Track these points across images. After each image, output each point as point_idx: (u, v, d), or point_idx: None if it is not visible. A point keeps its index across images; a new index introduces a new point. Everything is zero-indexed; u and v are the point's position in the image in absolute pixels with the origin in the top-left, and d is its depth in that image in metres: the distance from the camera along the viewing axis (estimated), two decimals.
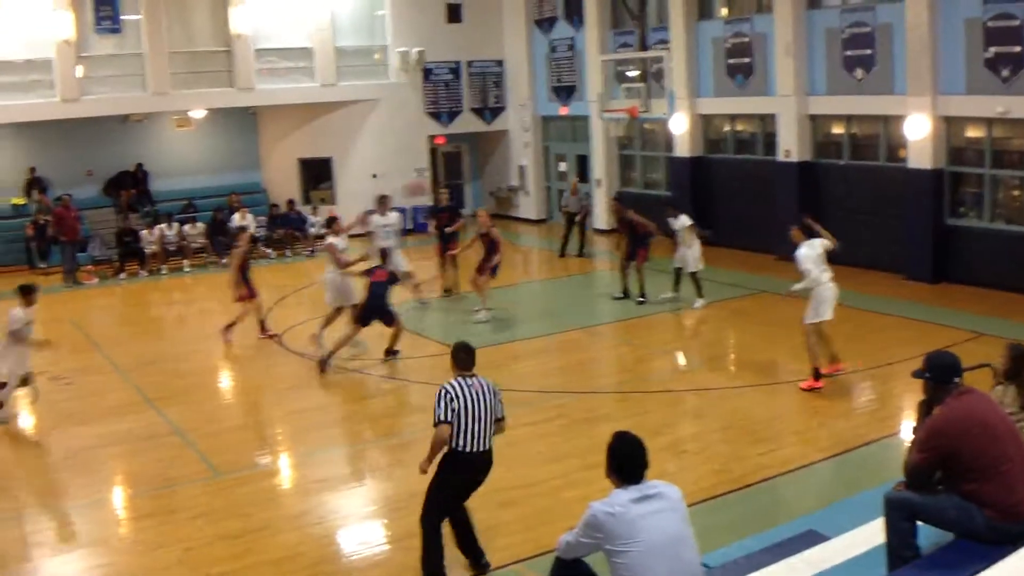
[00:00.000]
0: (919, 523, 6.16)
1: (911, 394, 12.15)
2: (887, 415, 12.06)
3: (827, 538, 7.54)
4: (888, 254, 19.67)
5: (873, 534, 6.74)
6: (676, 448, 11.15)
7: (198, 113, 27.68)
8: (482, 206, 26.99)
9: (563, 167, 29.46)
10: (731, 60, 23.07)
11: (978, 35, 17.53)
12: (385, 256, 15.76)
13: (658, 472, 6.09)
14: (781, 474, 10.17)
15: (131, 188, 27.02)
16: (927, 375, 6.27)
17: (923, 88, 18.41)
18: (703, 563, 5.90)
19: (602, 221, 26.64)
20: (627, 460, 5.62)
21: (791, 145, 21.60)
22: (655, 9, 25.24)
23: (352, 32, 28.42)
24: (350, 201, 27.85)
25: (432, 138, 29.89)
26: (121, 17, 25.21)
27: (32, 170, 25.88)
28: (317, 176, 29.25)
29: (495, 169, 31.55)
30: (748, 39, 22.56)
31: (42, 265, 24.79)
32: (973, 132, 18.57)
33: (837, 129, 21.40)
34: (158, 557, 8.88)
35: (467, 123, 30.29)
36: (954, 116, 18.47)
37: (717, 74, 23.57)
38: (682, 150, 24.57)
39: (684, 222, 17.90)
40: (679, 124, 24.17)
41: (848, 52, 20.14)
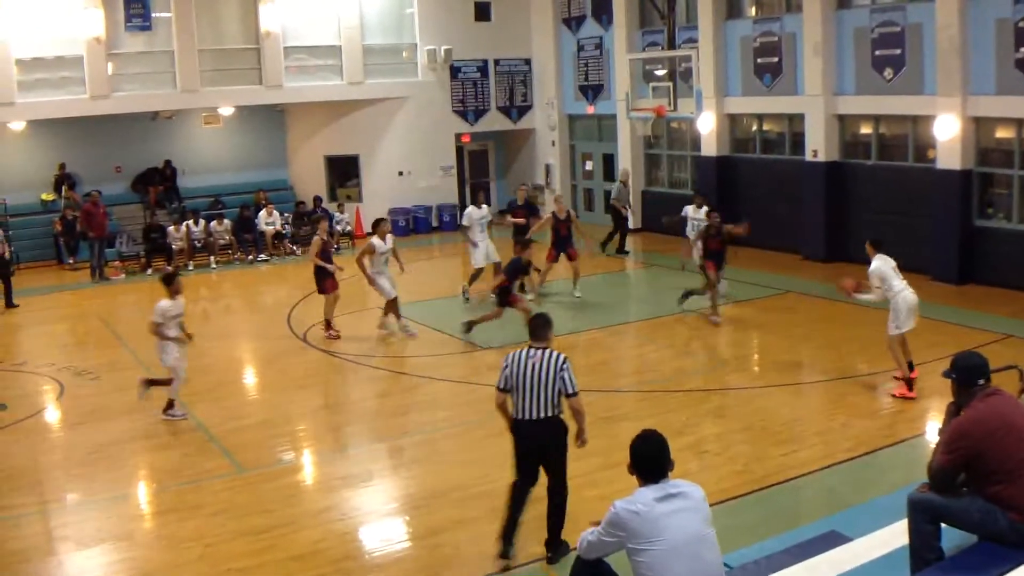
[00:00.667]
0: (942, 525, 6.12)
1: (935, 396, 12.09)
2: (910, 417, 11.95)
3: (849, 539, 7.51)
4: (915, 255, 19.34)
5: (896, 536, 6.71)
6: (698, 448, 11.11)
7: (226, 110, 27.83)
8: (557, 192, 26.88)
9: (589, 166, 29.44)
10: (759, 59, 22.97)
11: (1009, 36, 17.36)
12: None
13: (680, 472, 6.08)
14: (803, 475, 10.11)
15: (159, 185, 27.21)
16: (953, 375, 6.23)
17: (953, 88, 18.25)
18: (724, 563, 5.87)
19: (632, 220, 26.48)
20: (650, 459, 5.61)
21: (819, 145, 21.47)
22: (684, 8, 25.13)
23: (380, 30, 28.49)
24: (376, 199, 28.03)
25: (459, 136, 29.95)
26: (152, 15, 25.35)
27: (62, 166, 26.10)
28: (344, 174, 29.37)
29: (521, 168, 31.53)
30: (777, 38, 22.44)
31: (70, 261, 25.02)
32: (1003, 133, 18.40)
33: (865, 129, 21.26)
34: (180, 552, 8.93)
35: (493, 121, 30.31)
36: (983, 117, 18.31)
37: (745, 73, 23.48)
38: (709, 150, 24.49)
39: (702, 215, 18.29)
40: (706, 123, 24.08)
41: (877, 52, 19.99)
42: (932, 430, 11.02)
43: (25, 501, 10.37)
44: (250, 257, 25.39)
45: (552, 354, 8.16)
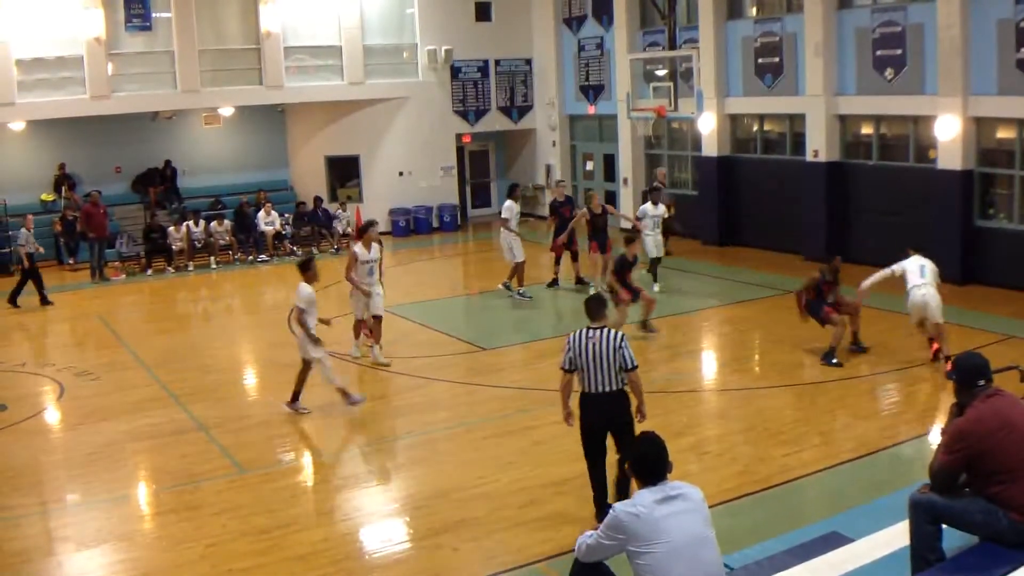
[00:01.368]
0: (944, 526, 6.11)
1: (937, 397, 12.09)
2: (912, 418, 11.95)
3: (851, 540, 7.51)
4: None
5: (897, 537, 6.71)
6: (699, 449, 11.10)
7: (227, 111, 27.83)
8: (592, 188, 26.89)
9: (590, 166, 29.44)
10: (760, 59, 22.95)
11: (1010, 36, 17.35)
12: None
13: (681, 473, 6.08)
14: (805, 476, 10.10)
15: (159, 185, 27.23)
16: (954, 376, 6.23)
17: (954, 88, 18.24)
18: (725, 564, 5.87)
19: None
20: (650, 461, 5.63)
21: (819, 145, 21.46)
22: (684, 8, 25.13)
23: (381, 30, 28.48)
24: (377, 199, 28.03)
25: (459, 136, 29.95)
26: (152, 15, 25.31)
27: (62, 166, 26.11)
28: (344, 174, 29.33)
29: (521, 168, 31.52)
30: (778, 38, 22.43)
31: (70, 261, 25.03)
32: (1004, 133, 18.39)
33: (866, 129, 21.25)
34: (182, 552, 8.93)
35: (494, 122, 30.32)
36: (984, 117, 18.30)
37: (746, 74, 23.46)
38: (709, 150, 24.47)
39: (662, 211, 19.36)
40: (707, 123, 24.06)
41: (878, 52, 19.98)
42: (933, 431, 11.04)
43: (26, 502, 10.37)
44: (250, 257, 25.39)
45: (610, 332, 8.71)
